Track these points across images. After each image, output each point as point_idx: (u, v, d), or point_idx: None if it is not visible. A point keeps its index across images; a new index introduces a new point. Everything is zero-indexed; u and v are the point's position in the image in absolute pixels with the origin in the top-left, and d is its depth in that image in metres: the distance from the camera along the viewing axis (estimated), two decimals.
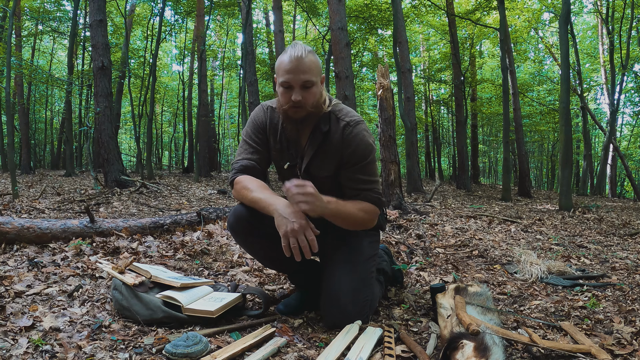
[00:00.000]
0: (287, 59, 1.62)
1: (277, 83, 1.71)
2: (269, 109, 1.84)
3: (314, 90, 1.67)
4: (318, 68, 1.67)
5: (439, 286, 1.89)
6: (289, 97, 1.65)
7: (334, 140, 1.74)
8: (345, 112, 1.78)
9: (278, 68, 1.67)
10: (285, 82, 1.64)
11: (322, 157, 1.76)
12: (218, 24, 20.87)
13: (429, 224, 4.42)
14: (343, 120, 1.75)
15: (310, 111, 1.69)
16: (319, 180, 1.78)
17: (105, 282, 2.10)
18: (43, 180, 9.82)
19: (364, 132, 1.74)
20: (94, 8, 7.49)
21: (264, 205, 1.58)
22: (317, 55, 1.70)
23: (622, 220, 6.32)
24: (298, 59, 1.61)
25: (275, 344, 1.47)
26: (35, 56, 18.11)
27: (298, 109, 1.66)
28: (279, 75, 1.66)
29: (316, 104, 1.70)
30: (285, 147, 1.81)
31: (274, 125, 1.82)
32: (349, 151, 1.72)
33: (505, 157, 10.04)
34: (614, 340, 1.63)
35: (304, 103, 1.65)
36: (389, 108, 4.99)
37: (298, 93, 1.63)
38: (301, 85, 1.64)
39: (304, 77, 1.62)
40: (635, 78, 16.84)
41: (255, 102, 10.69)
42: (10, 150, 6.09)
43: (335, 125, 1.74)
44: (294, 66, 1.61)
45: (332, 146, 1.74)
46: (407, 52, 11.49)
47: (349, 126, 1.73)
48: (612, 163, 15.29)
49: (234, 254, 2.86)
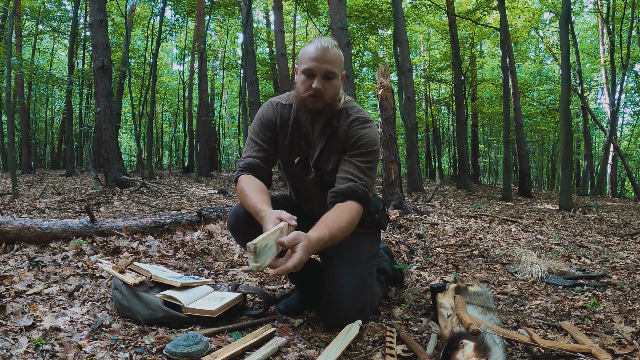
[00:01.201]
0: (313, 48, 1.64)
1: (297, 72, 1.71)
2: (279, 106, 1.83)
3: (334, 82, 1.68)
4: (341, 62, 1.69)
5: (439, 286, 1.89)
6: (310, 85, 1.65)
7: (341, 133, 1.75)
8: (357, 109, 1.79)
9: (302, 56, 1.67)
10: (308, 69, 1.64)
11: (329, 151, 1.77)
12: (218, 23, 20.88)
13: (430, 223, 4.42)
14: (352, 115, 1.76)
15: (328, 103, 1.69)
16: (326, 173, 1.79)
17: (105, 282, 2.10)
18: (43, 179, 9.82)
19: (371, 129, 1.74)
20: (94, 8, 7.49)
21: (254, 212, 1.56)
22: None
23: (622, 220, 6.31)
24: (324, 48, 1.63)
25: (276, 344, 1.47)
26: (36, 56, 18.12)
27: (317, 99, 1.66)
28: (302, 63, 1.66)
29: (334, 97, 1.71)
30: (296, 142, 1.81)
31: (285, 122, 1.81)
32: (351, 141, 1.73)
33: (506, 157, 10.04)
34: (614, 340, 1.63)
35: (324, 93, 1.66)
36: (389, 108, 4.98)
37: (319, 82, 1.64)
38: (323, 75, 1.64)
39: (327, 67, 1.63)
40: (635, 78, 16.83)
41: (256, 101, 10.69)
42: (11, 150, 6.09)
43: (344, 121, 1.76)
44: (319, 55, 1.62)
45: (338, 139, 1.75)
46: (408, 51, 11.49)
47: (357, 121, 1.75)
48: (612, 163, 15.28)
49: (234, 253, 2.86)
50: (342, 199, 1.64)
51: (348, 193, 1.64)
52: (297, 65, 1.72)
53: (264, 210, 1.49)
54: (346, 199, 1.64)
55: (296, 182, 1.91)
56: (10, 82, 5.94)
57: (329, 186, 1.81)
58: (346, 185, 1.65)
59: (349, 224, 1.58)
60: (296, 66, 1.73)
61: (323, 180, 1.83)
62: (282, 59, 12.17)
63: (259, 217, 1.52)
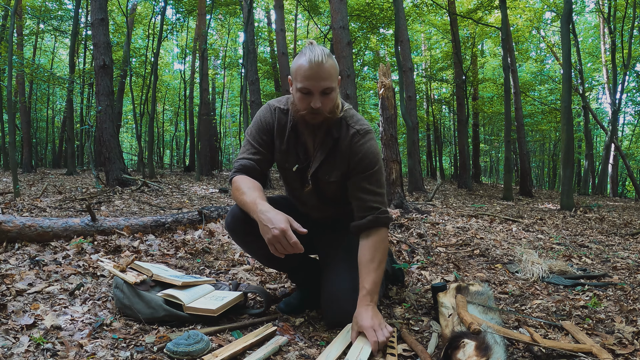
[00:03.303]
0: (307, 64, 1.56)
1: (293, 87, 1.65)
2: (276, 110, 1.80)
3: (332, 95, 1.63)
4: (336, 72, 1.63)
5: (440, 285, 1.89)
6: (308, 103, 1.61)
7: (343, 147, 1.72)
8: (355, 119, 1.76)
9: (296, 73, 1.60)
10: (304, 88, 1.58)
11: (330, 163, 1.75)
12: (219, 22, 20.87)
13: (431, 223, 4.41)
14: (353, 127, 1.73)
15: (327, 117, 1.67)
16: (325, 184, 1.78)
17: (106, 281, 2.10)
18: (44, 178, 9.83)
19: (371, 142, 1.73)
20: (95, 7, 7.50)
21: (250, 210, 1.56)
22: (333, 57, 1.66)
23: (623, 219, 6.31)
24: (318, 64, 1.55)
25: (277, 343, 1.47)
26: (37, 55, 18.15)
27: (316, 115, 1.64)
28: (296, 80, 1.61)
29: (333, 109, 1.68)
30: (293, 149, 1.79)
31: (282, 128, 1.78)
32: (355, 159, 1.71)
33: (507, 157, 10.04)
34: (615, 339, 1.63)
35: (323, 109, 1.62)
36: (390, 107, 4.98)
37: (317, 100, 1.59)
38: (321, 92, 1.59)
39: (324, 84, 1.58)
40: (637, 77, 16.80)
41: (257, 100, 10.69)
42: (12, 149, 6.09)
43: (345, 132, 1.73)
44: (314, 72, 1.55)
45: (340, 153, 1.73)
46: (409, 51, 11.48)
47: (358, 134, 1.72)
48: (613, 162, 15.27)
49: (235, 252, 2.86)
50: (367, 231, 1.71)
51: (372, 225, 1.70)
52: (290, 77, 1.67)
53: (260, 210, 1.51)
54: (371, 230, 1.71)
55: (292, 187, 1.90)
56: (11, 81, 5.94)
57: (326, 196, 1.82)
58: (367, 220, 1.70)
59: (380, 253, 1.68)
60: (289, 77, 1.68)
61: (320, 190, 1.82)
62: (283, 58, 12.17)
63: (255, 211, 1.52)
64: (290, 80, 1.68)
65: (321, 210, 1.90)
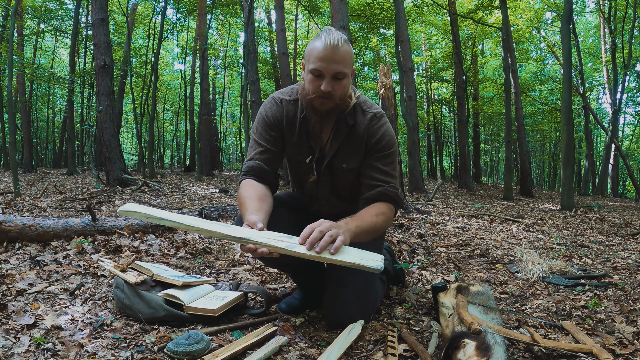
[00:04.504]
0: (322, 46, 1.51)
1: (304, 68, 1.60)
2: (283, 102, 1.73)
3: (344, 82, 1.58)
4: (352, 59, 1.58)
5: (440, 285, 1.89)
6: (318, 86, 1.55)
7: (360, 132, 1.69)
8: (369, 103, 1.74)
9: (309, 54, 1.55)
10: (316, 69, 1.53)
11: (347, 151, 1.71)
12: (220, 22, 20.89)
13: (431, 223, 4.41)
14: (369, 112, 1.71)
15: (337, 103, 1.62)
16: (341, 173, 1.75)
17: (107, 281, 2.11)
18: (45, 178, 9.84)
19: (388, 124, 1.72)
20: (95, 7, 7.50)
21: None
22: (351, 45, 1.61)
23: (623, 220, 6.30)
24: (334, 47, 1.50)
25: (277, 343, 1.47)
26: (37, 55, 18.15)
27: (325, 100, 1.58)
28: (309, 62, 1.55)
29: (343, 97, 1.62)
30: (305, 140, 1.73)
31: (292, 119, 1.72)
32: (373, 140, 1.69)
33: (507, 157, 10.04)
34: (615, 340, 1.63)
35: (333, 94, 1.57)
36: (390, 107, 4.98)
37: (328, 83, 1.54)
38: (333, 76, 1.54)
39: (337, 68, 1.52)
40: (637, 78, 16.80)
41: (257, 100, 10.69)
42: (12, 149, 6.10)
43: (361, 117, 1.70)
44: (329, 54, 1.50)
45: (358, 138, 1.70)
46: (409, 51, 11.48)
47: (375, 117, 1.70)
48: (614, 163, 15.26)
49: (235, 252, 2.86)
50: (374, 203, 1.65)
51: (379, 197, 1.65)
52: (303, 60, 1.61)
53: (253, 222, 1.41)
54: (377, 202, 1.65)
55: (303, 180, 1.84)
56: (12, 80, 5.94)
57: (339, 187, 1.78)
58: (376, 190, 1.65)
59: (377, 216, 1.57)
60: (303, 61, 1.63)
61: (333, 181, 1.78)
62: (283, 58, 12.16)
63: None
64: (303, 64, 1.63)
65: (332, 205, 1.85)
